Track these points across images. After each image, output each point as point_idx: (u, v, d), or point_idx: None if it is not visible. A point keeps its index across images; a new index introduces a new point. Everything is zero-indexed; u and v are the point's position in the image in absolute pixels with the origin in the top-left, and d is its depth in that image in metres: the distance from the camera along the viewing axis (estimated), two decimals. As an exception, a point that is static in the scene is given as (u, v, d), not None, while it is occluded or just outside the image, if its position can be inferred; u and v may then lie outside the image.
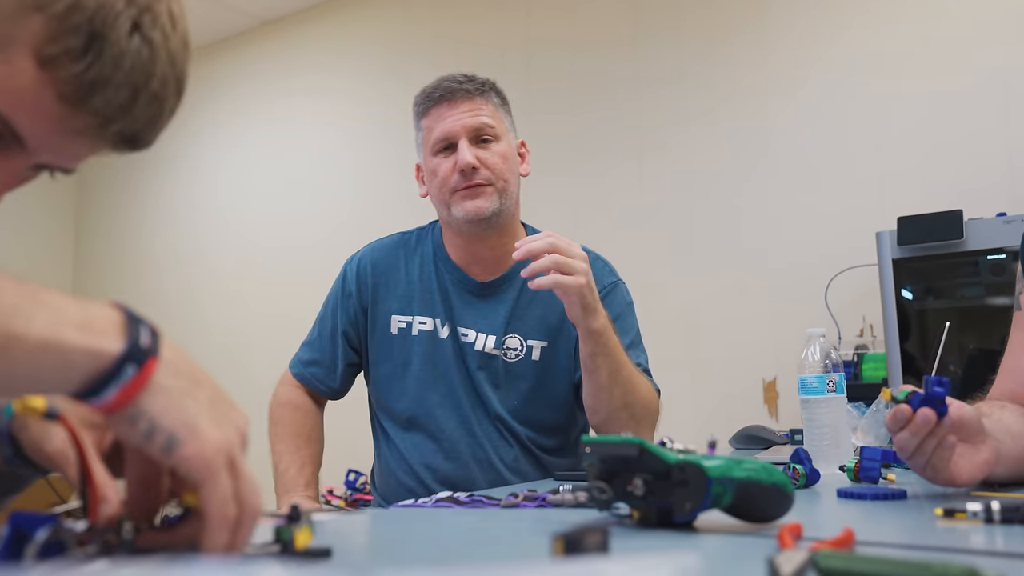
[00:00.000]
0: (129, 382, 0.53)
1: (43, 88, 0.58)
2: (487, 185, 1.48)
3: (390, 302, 1.57)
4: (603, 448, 0.75)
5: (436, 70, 3.83)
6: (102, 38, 0.58)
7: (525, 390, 1.53)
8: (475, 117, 1.49)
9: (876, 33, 2.77)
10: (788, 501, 0.76)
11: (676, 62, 3.14)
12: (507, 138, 1.54)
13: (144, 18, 0.60)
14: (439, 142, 1.51)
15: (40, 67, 0.58)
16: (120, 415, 0.54)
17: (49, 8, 0.57)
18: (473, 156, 1.47)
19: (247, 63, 4.37)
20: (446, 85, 1.52)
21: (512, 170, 1.53)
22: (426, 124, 1.54)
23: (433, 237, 1.63)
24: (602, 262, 1.61)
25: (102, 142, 0.64)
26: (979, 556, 0.63)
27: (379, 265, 1.60)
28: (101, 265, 4.84)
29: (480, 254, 1.56)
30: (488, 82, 1.56)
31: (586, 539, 0.57)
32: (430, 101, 1.53)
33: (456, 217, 1.50)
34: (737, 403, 2.83)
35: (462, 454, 1.52)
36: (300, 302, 4.01)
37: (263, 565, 0.36)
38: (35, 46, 0.57)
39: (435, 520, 0.91)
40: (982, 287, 2.22)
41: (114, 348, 0.53)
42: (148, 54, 0.61)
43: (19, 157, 0.63)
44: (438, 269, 1.59)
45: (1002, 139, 2.53)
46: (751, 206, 2.94)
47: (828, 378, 1.29)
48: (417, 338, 1.55)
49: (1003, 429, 1.01)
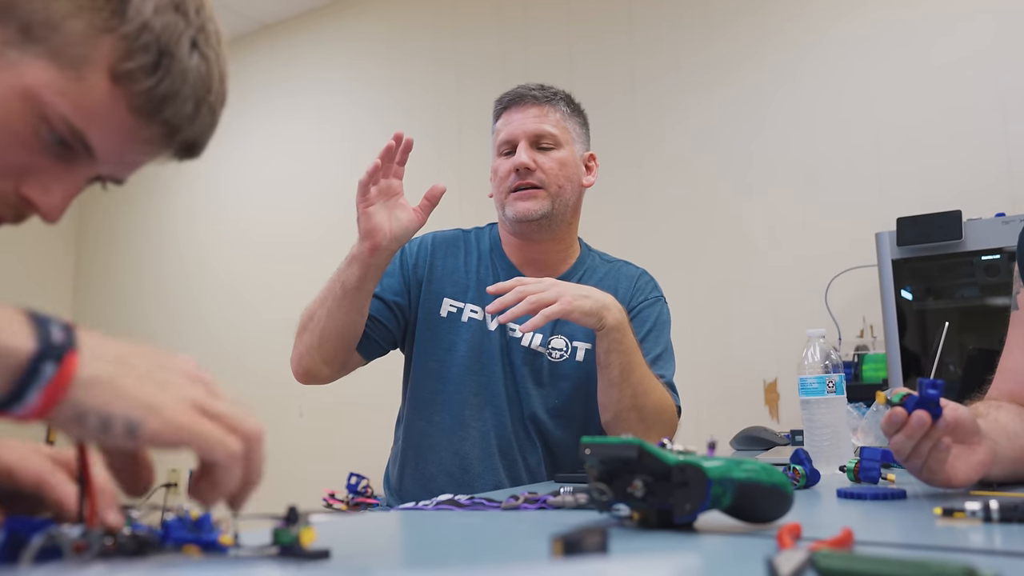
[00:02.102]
0: (51, 382, 0.51)
1: (115, 102, 0.64)
2: (539, 188, 1.53)
3: (445, 284, 1.60)
4: (603, 449, 0.76)
5: (436, 72, 3.83)
6: (169, 55, 0.64)
7: (568, 390, 1.55)
8: (537, 123, 1.56)
9: (875, 33, 2.77)
10: (788, 502, 0.77)
11: (672, 58, 3.15)
12: (570, 147, 1.59)
13: (200, 37, 0.66)
14: (503, 144, 1.58)
15: (113, 83, 0.63)
16: (63, 417, 0.52)
17: (120, 29, 0.63)
18: (529, 158, 1.53)
19: (247, 66, 4.37)
20: (517, 91, 1.60)
21: (569, 177, 1.57)
22: (496, 127, 1.62)
23: (491, 235, 1.67)
24: (648, 277, 1.68)
25: (166, 151, 0.69)
26: (977, 555, 0.63)
27: (439, 248, 1.63)
28: (103, 262, 4.84)
29: (533, 256, 1.61)
30: (561, 92, 1.62)
31: (585, 540, 0.57)
32: (500, 106, 1.62)
33: (508, 216, 1.56)
34: (738, 404, 2.83)
35: (489, 446, 1.53)
36: (301, 301, 4.04)
37: (260, 566, 0.36)
38: (109, 64, 0.63)
39: (435, 522, 0.91)
40: (981, 287, 2.22)
41: (26, 346, 0.50)
42: (206, 69, 0.67)
43: (85, 168, 0.67)
44: (494, 265, 1.63)
45: (1001, 140, 2.54)
46: (750, 207, 2.94)
47: (828, 379, 1.29)
48: (466, 325, 1.57)
49: (999, 429, 1.02)
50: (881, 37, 2.76)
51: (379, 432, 1.70)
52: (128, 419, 0.52)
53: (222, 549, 0.62)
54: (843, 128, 2.80)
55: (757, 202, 2.93)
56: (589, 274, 1.64)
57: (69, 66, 0.62)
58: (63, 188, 0.67)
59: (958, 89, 2.61)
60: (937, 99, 2.64)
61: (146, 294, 4.58)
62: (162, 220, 4.61)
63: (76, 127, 0.64)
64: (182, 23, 0.65)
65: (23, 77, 0.62)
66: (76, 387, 0.51)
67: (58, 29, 0.62)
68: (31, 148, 0.64)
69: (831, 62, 2.84)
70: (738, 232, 2.95)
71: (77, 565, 0.53)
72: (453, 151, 3.57)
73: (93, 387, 0.52)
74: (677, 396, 1.54)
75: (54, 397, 0.51)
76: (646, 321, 1.60)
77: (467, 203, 3.15)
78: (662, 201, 3.12)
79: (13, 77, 0.62)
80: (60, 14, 0.62)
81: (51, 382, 0.51)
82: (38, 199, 0.66)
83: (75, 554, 0.55)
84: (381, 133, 3.88)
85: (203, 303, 4.34)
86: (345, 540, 0.82)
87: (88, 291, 4.88)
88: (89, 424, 0.52)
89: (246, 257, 4.22)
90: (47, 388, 0.51)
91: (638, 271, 1.68)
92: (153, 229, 4.64)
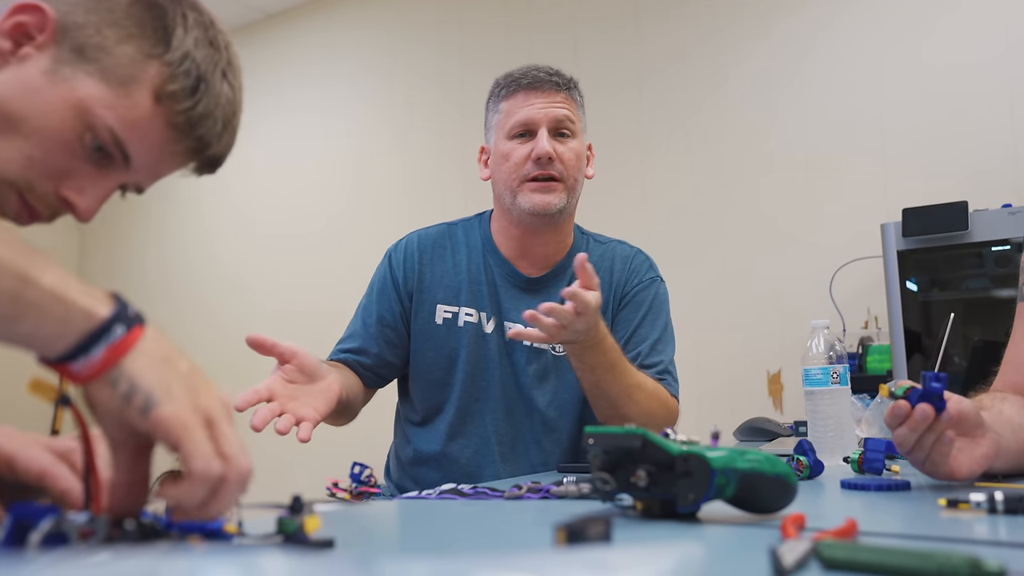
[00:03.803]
0: (117, 341, 0.57)
1: (156, 118, 0.74)
2: (558, 181, 1.47)
3: (436, 291, 1.54)
4: (606, 439, 0.75)
5: (440, 58, 3.81)
6: (206, 81, 0.75)
7: (572, 382, 1.50)
8: (560, 110, 1.49)
9: (881, 24, 2.75)
10: (791, 492, 0.77)
11: (679, 49, 3.13)
12: (580, 137, 1.54)
13: (228, 68, 0.78)
14: (518, 126, 1.49)
15: (156, 102, 0.74)
16: (101, 380, 0.57)
17: (165, 56, 0.74)
18: (551, 147, 1.46)
19: (251, 55, 4.37)
20: (535, 74, 1.51)
21: (581, 169, 1.53)
22: (506, 107, 1.52)
23: (481, 229, 1.60)
24: (643, 257, 1.62)
25: (191, 163, 0.80)
26: (982, 546, 0.63)
27: (426, 252, 1.57)
28: (107, 254, 4.85)
29: (532, 248, 1.55)
30: (573, 80, 1.56)
31: (589, 529, 0.57)
32: (516, 86, 1.52)
33: (521, 207, 1.48)
34: (741, 395, 2.83)
35: (490, 451, 1.50)
36: (305, 292, 4.06)
37: (265, 554, 0.36)
38: (154, 85, 0.74)
39: (439, 511, 0.91)
40: (987, 278, 2.22)
41: (104, 312, 0.58)
42: (232, 96, 0.79)
43: (119, 174, 0.76)
44: (486, 262, 1.56)
45: (1007, 130, 2.52)
46: (755, 198, 2.93)
47: (832, 370, 1.29)
48: (463, 330, 1.52)
49: (1003, 422, 1.01)
50: (887, 27, 2.74)
51: (384, 422, 1.70)
52: (149, 395, 0.57)
53: (226, 537, 0.62)
54: (849, 119, 2.78)
55: (762, 193, 2.92)
56: None
57: (118, 84, 0.72)
58: (97, 191, 0.76)
59: (965, 79, 2.59)
60: (944, 89, 2.63)
61: (150, 286, 4.59)
62: (166, 211, 4.61)
63: (120, 137, 0.73)
64: (215, 55, 0.77)
65: (75, 91, 0.71)
66: (130, 354, 0.58)
67: (110, 52, 0.73)
68: (74, 154, 0.73)
69: (837, 53, 2.83)
70: (743, 223, 2.94)
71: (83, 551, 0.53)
72: (456, 144, 3.56)
73: (140, 358, 0.58)
74: (674, 383, 1.51)
75: (114, 357, 0.57)
76: (642, 305, 1.55)
77: (471, 199, 3.14)
78: (667, 193, 3.11)
79: (67, 91, 0.71)
80: (112, 39, 0.73)
81: (117, 342, 0.57)
82: (75, 200, 0.75)
83: (81, 540, 0.55)
84: (384, 124, 3.88)
85: (208, 294, 4.34)
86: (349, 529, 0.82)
87: (92, 282, 4.88)
88: (119, 389, 0.57)
89: (250, 248, 4.22)
90: (112, 346, 0.57)
91: (632, 251, 1.62)
92: (157, 220, 4.64)
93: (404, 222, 1.86)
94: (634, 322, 1.54)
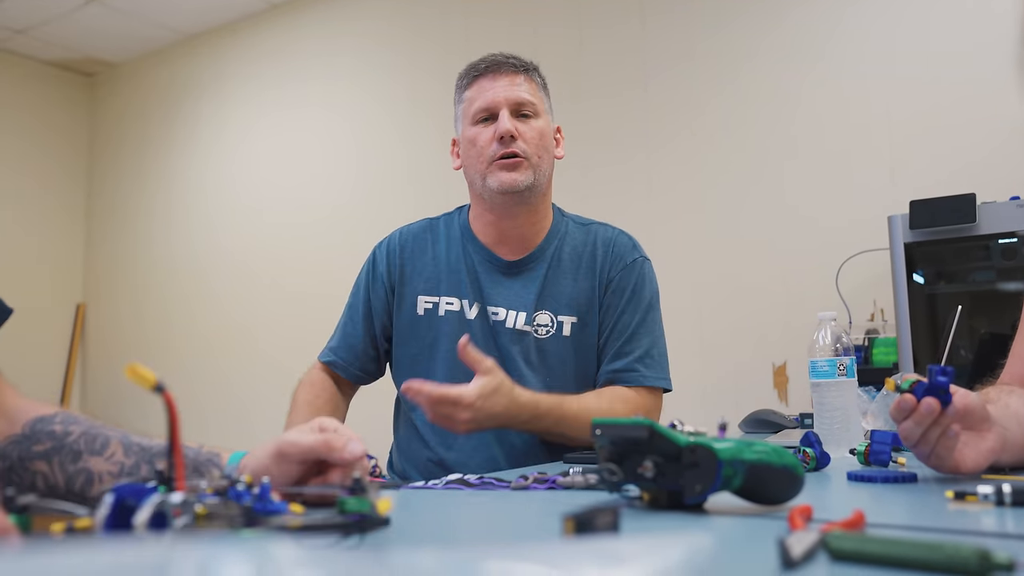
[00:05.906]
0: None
1: None
2: (523, 159, 1.50)
3: (417, 283, 1.58)
4: (613, 430, 0.75)
5: (445, 51, 3.81)
6: None
7: (557, 366, 1.52)
8: (519, 91, 1.53)
9: (888, 15, 2.74)
10: (798, 483, 0.76)
11: (684, 43, 3.12)
12: (545, 118, 1.57)
13: None
14: (480, 112, 1.54)
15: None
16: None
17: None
18: (512, 126, 1.50)
19: (256, 45, 4.36)
20: (491, 59, 1.57)
21: (547, 148, 1.55)
22: (468, 95, 1.57)
23: (460, 219, 1.63)
24: (624, 238, 1.61)
25: None
26: (990, 538, 0.63)
27: (407, 247, 1.61)
28: (113, 241, 4.86)
29: (509, 232, 1.57)
30: (532, 63, 1.60)
31: (597, 519, 0.57)
32: (475, 72, 1.57)
33: (490, 187, 1.51)
34: (747, 387, 2.83)
35: (483, 434, 1.50)
36: (308, 278, 4.06)
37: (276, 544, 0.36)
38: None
39: (445, 502, 0.91)
40: (994, 271, 2.21)
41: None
42: None
43: None
44: (465, 250, 1.59)
45: (1016, 122, 2.51)
46: (761, 191, 2.92)
47: (839, 362, 1.29)
48: (444, 319, 1.54)
49: (1010, 415, 1.01)
50: (895, 19, 2.73)
51: (388, 410, 1.70)
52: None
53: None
54: (856, 111, 2.77)
55: (768, 186, 2.91)
56: (564, 241, 1.59)
57: None
58: None
59: (972, 71, 2.58)
60: (951, 81, 2.62)
61: (157, 271, 4.60)
62: (171, 198, 4.62)
63: None
64: None
65: None
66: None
67: None
68: None
69: (844, 45, 2.81)
70: (748, 217, 2.93)
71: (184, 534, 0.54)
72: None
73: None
74: (650, 369, 1.51)
75: None
76: (625, 289, 1.54)
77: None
78: (673, 187, 3.11)
79: None
80: None
81: None
82: None
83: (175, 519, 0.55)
84: (386, 114, 3.87)
85: (213, 281, 4.35)
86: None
87: (98, 269, 4.89)
88: None
89: (254, 236, 4.23)
90: None
91: (614, 232, 1.61)
92: (162, 207, 4.65)
93: (408, 213, 1.87)
94: (618, 307, 1.54)
